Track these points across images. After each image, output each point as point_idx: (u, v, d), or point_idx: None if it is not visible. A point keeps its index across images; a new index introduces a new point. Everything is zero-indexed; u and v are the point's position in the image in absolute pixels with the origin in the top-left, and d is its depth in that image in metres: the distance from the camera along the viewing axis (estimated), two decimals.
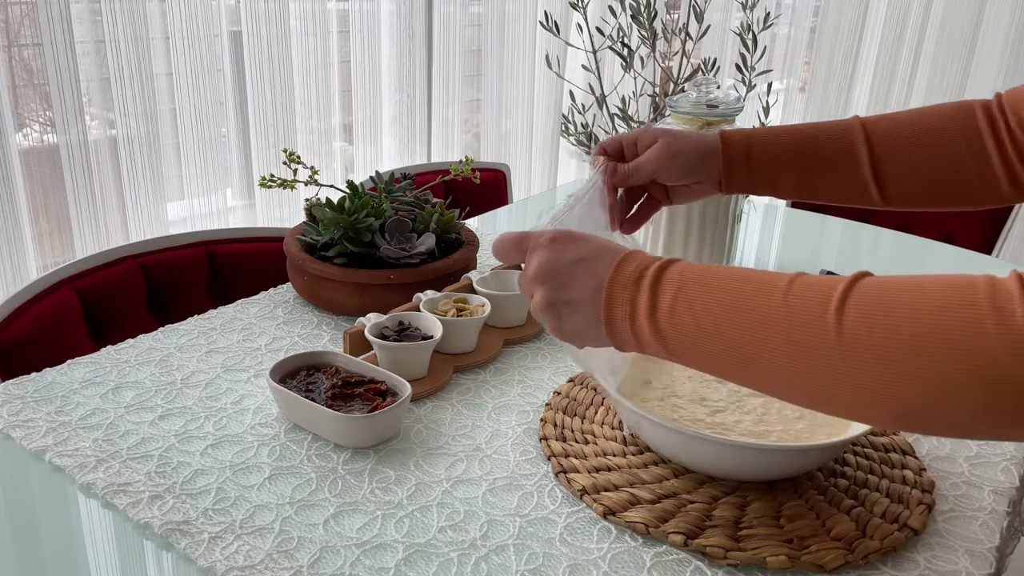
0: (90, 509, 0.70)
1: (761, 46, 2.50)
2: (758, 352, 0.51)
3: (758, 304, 0.52)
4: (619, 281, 0.57)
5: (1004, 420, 0.45)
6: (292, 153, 1.06)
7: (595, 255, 0.59)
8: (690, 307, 0.54)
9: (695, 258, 1.20)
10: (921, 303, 0.47)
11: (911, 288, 0.48)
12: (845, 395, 0.49)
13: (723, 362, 0.54)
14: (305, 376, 0.83)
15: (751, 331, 0.51)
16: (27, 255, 1.80)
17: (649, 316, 0.55)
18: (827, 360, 0.49)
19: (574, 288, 0.59)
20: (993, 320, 0.44)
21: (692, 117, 1.14)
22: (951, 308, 0.46)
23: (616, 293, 0.57)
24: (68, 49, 1.75)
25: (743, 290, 0.53)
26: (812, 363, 0.49)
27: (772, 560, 0.65)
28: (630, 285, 0.56)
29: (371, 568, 0.63)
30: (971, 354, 0.44)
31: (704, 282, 0.54)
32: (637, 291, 0.56)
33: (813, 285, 0.51)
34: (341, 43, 2.34)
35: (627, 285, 0.56)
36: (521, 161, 2.94)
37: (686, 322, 0.54)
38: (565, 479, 0.74)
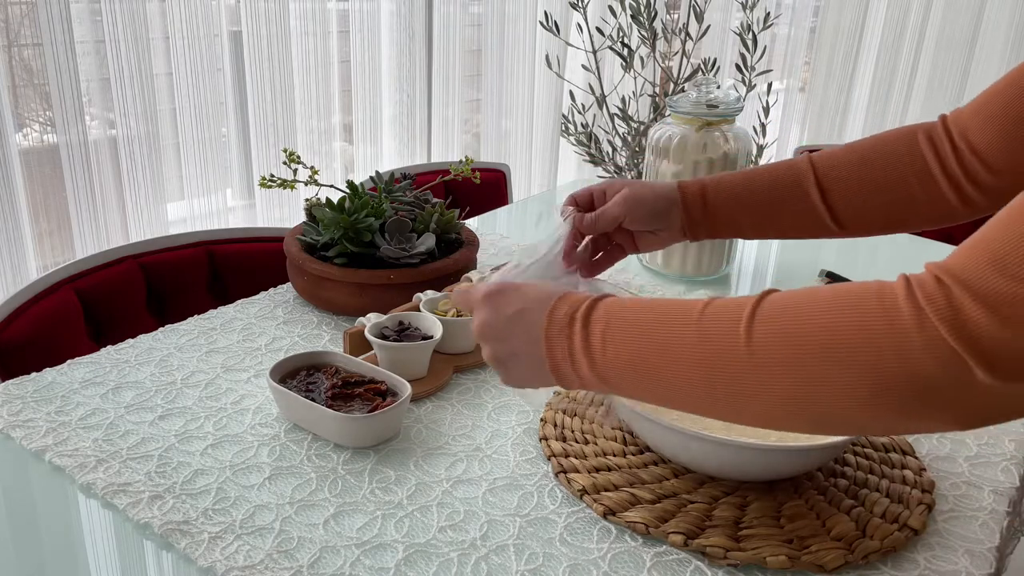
0: (90, 509, 0.70)
1: (761, 46, 2.50)
2: (683, 378, 0.55)
3: (676, 332, 0.55)
4: (554, 325, 0.61)
5: (889, 413, 0.49)
6: (292, 153, 1.06)
7: (529, 306, 0.63)
8: (617, 342, 0.58)
9: (695, 258, 1.20)
10: (817, 310, 0.51)
11: (810, 298, 0.52)
12: (766, 408, 0.52)
13: (655, 391, 0.57)
14: (305, 376, 0.83)
15: (673, 359, 0.55)
16: (27, 255, 1.80)
17: (585, 354, 0.59)
18: (743, 376, 0.52)
19: (514, 340, 0.63)
20: (881, 320, 0.48)
21: (692, 117, 1.14)
22: (844, 311, 0.49)
23: (553, 337, 0.61)
24: (68, 49, 1.75)
25: (662, 321, 0.56)
26: (731, 382, 0.53)
27: (772, 560, 0.65)
28: (564, 327, 0.60)
29: (371, 568, 0.63)
30: (862, 352, 0.48)
31: (627, 317, 0.58)
32: (571, 332, 0.60)
33: (724, 308, 0.55)
34: (341, 43, 2.34)
35: (562, 328, 0.60)
36: (521, 161, 2.94)
37: (618, 356, 0.58)
38: (565, 479, 0.74)
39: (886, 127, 3.22)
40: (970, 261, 0.47)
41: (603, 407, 0.84)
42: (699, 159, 1.14)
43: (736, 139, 1.15)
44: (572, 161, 3.03)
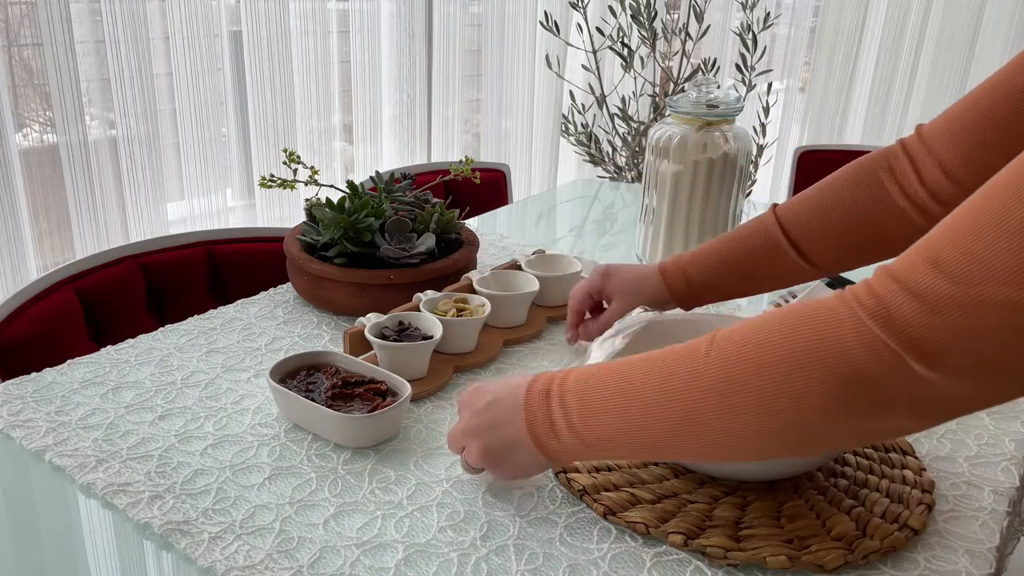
0: (90, 509, 0.70)
1: (761, 46, 2.50)
2: (657, 428, 0.57)
3: (643, 384, 0.58)
4: (532, 405, 0.63)
5: (848, 417, 0.51)
6: (292, 153, 1.06)
7: (502, 393, 0.66)
8: (593, 409, 0.60)
9: None
10: (772, 325, 0.54)
11: (763, 318, 0.55)
12: (739, 434, 0.54)
13: (639, 449, 0.59)
14: (305, 376, 0.83)
15: (644, 411, 0.57)
16: (27, 255, 1.80)
17: (568, 426, 0.61)
18: (708, 407, 0.55)
19: (497, 430, 0.65)
20: (823, 329, 0.51)
21: (692, 117, 1.14)
22: (794, 327, 0.52)
23: (533, 416, 0.63)
24: (68, 49, 1.75)
25: (629, 379, 0.59)
26: (699, 417, 0.55)
27: (772, 560, 0.65)
28: (542, 404, 0.63)
29: (371, 568, 0.63)
30: (808, 360, 0.51)
31: (599, 384, 0.60)
32: (548, 407, 0.62)
33: (679, 348, 0.58)
34: (341, 43, 2.34)
35: (539, 406, 0.63)
36: (521, 161, 2.94)
37: (598, 422, 0.60)
38: (565, 479, 0.74)
39: (886, 127, 3.22)
40: (907, 260, 0.49)
41: None
42: (699, 159, 1.14)
43: (736, 139, 1.15)
44: (572, 161, 3.03)
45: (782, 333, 0.53)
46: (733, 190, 1.17)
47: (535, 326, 1.02)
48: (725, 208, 1.17)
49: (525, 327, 1.02)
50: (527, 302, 1.02)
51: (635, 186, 1.79)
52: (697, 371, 0.55)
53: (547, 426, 0.62)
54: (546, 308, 1.07)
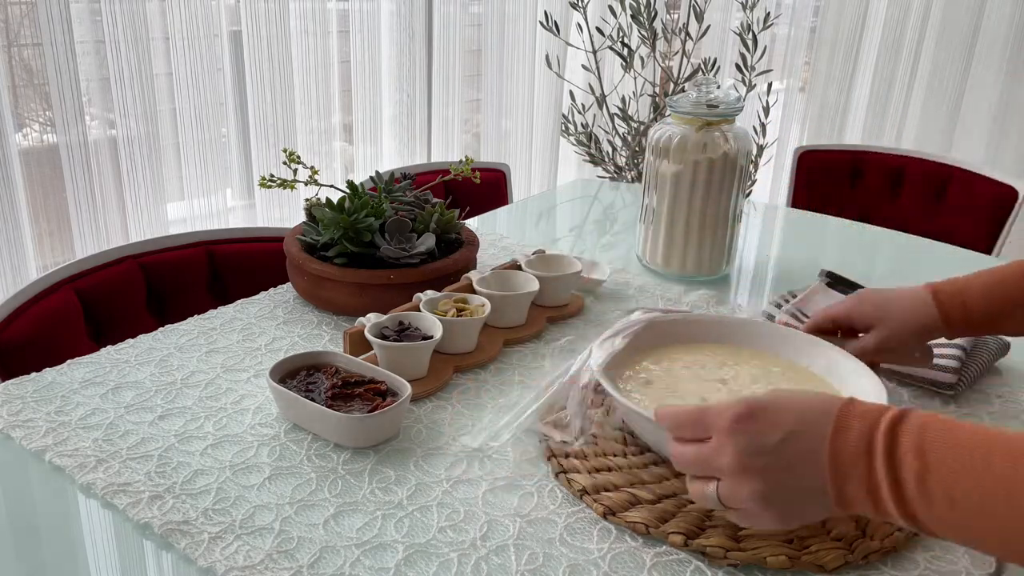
0: (90, 509, 0.70)
1: (761, 46, 2.50)
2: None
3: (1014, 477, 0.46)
4: (845, 456, 0.51)
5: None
6: (292, 153, 1.06)
7: (801, 426, 0.53)
8: (945, 487, 0.48)
9: (695, 258, 1.20)
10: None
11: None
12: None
13: (997, 543, 0.48)
14: (305, 376, 0.83)
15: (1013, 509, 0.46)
16: (27, 255, 1.80)
17: (895, 496, 0.50)
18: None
19: (791, 471, 0.53)
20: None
21: (692, 117, 1.14)
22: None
23: (846, 471, 0.51)
24: (68, 49, 1.75)
25: (1008, 476, 0.46)
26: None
27: (772, 560, 0.65)
28: (861, 458, 0.51)
29: (371, 568, 0.63)
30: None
31: (956, 458, 0.48)
32: (871, 464, 0.50)
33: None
34: (341, 43, 2.34)
35: (857, 460, 0.51)
36: (521, 161, 2.94)
37: (942, 502, 0.48)
38: (565, 479, 0.74)
39: (886, 127, 3.23)
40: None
41: (603, 407, 0.84)
42: (699, 159, 1.14)
43: (736, 139, 1.15)
44: (572, 161, 3.03)
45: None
46: (733, 190, 1.17)
47: (535, 326, 1.02)
48: (725, 208, 1.17)
49: (525, 327, 1.02)
50: (527, 302, 1.02)
51: (635, 186, 1.79)
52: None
53: (863, 490, 0.51)
54: (546, 308, 1.07)
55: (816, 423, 0.53)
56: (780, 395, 0.56)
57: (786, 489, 0.54)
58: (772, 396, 0.56)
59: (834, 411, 0.53)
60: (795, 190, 2.11)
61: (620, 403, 0.73)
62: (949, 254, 1.43)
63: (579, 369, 0.83)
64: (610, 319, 1.07)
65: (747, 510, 0.56)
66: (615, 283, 1.19)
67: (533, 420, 0.81)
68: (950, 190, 1.94)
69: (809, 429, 0.53)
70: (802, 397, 0.56)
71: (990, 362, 0.96)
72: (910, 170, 2.01)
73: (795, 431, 0.53)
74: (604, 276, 1.16)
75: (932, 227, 1.89)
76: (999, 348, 0.98)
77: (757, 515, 0.56)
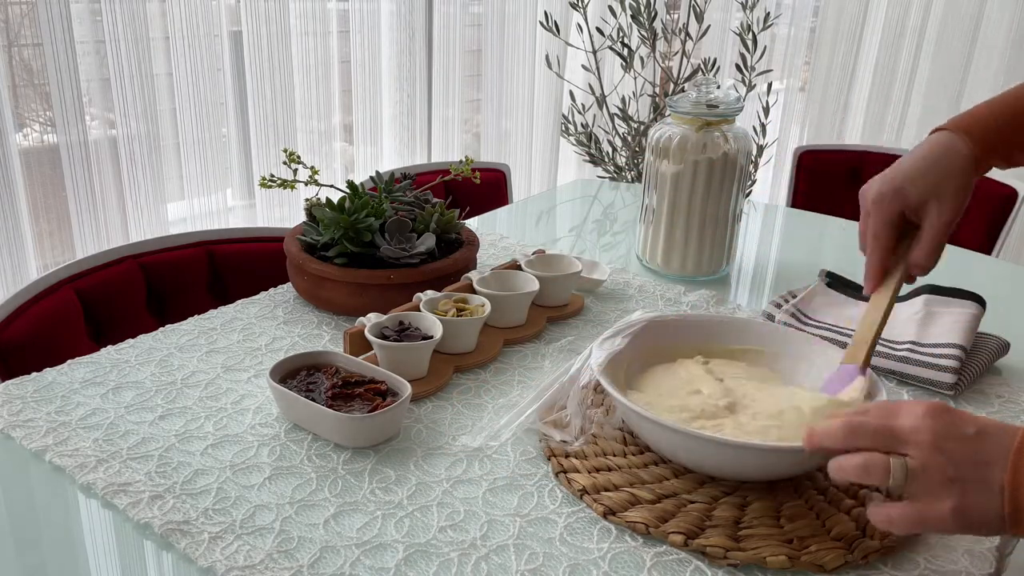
0: (90, 509, 0.70)
1: (761, 46, 2.51)
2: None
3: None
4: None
5: None
6: (292, 153, 1.06)
7: (991, 429, 0.56)
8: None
9: (695, 258, 1.20)
10: None
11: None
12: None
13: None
14: (305, 376, 0.83)
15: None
16: (27, 255, 1.80)
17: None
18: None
19: (978, 469, 0.55)
20: None
21: (692, 117, 1.14)
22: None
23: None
24: (68, 49, 1.75)
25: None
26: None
27: (772, 560, 0.65)
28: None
29: (371, 568, 0.63)
30: None
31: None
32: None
33: None
34: (341, 43, 2.34)
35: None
36: (521, 161, 2.94)
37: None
38: (565, 479, 0.74)
39: (886, 127, 3.22)
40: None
41: (603, 407, 0.85)
42: (699, 159, 1.14)
43: (736, 139, 1.15)
44: (572, 161, 3.03)
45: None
46: (733, 190, 1.17)
47: (535, 326, 1.02)
48: (725, 208, 1.18)
49: (525, 327, 1.02)
50: (527, 302, 1.02)
51: (635, 186, 1.79)
52: None
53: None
54: (546, 308, 1.07)
55: (1003, 431, 0.56)
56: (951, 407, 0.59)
57: (972, 481, 0.55)
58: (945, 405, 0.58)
59: (1020, 431, 0.55)
60: (795, 190, 2.11)
61: (620, 403, 0.73)
62: (949, 254, 1.43)
63: (579, 369, 0.83)
64: (610, 319, 1.07)
65: (929, 498, 0.56)
66: (615, 283, 1.19)
67: (533, 420, 0.81)
68: None
69: (999, 432, 0.56)
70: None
71: (990, 362, 0.96)
72: None
73: (987, 429, 0.56)
74: (604, 276, 1.16)
75: None
76: (999, 348, 0.98)
77: (936, 503, 0.56)
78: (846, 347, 0.80)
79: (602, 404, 0.85)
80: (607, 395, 0.85)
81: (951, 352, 0.92)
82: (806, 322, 1.04)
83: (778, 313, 1.05)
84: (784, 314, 1.05)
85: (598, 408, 0.84)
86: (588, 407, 0.82)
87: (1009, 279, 1.33)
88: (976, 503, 0.55)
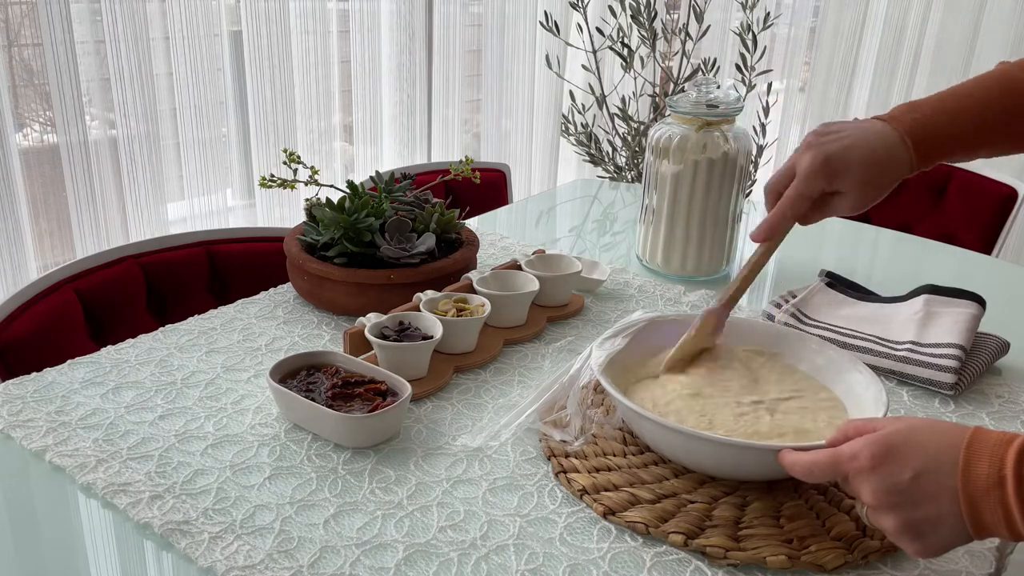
0: (90, 509, 0.70)
1: (761, 46, 2.50)
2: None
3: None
4: (977, 489, 0.54)
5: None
6: (292, 153, 1.06)
7: (930, 465, 0.56)
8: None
9: (695, 258, 1.20)
10: None
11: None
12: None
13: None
14: (305, 376, 0.83)
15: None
16: (27, 255, 1.80)
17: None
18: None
19: (924, 506, 0.56)
20: None
21: (692, 117, 1.14)
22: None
23: (980, 503, 0.54)
24: (68, 49, 1.75)
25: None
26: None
27: (772, 560, 0.65)
28: (992, 490, 0.53)
29: (371, 568, 0.63)
30: None
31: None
32: (1003, 495, 0.53)
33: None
34: (341, 43, 2.34)
35: (989, 490, 0.54)
36: (521, 161, 2.94)
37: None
38: (565, 479, 0.74)
39: None
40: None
41: (603, 407, 0.85)
42: (699, 159, 1.14)
43: (736, 139, 1.15)
44: (572, 161, 3.03)
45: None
46: (733, 190, 1.17)
47: (535, 326, 1.02)
48: (725, 208, 1.18)
49: (525, 327, 1.02)
50: (527, 302, 1.02)
51: (635, 186, 1.79)
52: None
53: (1000, 519, 0.53)
54: (546, 308, 1.07)
55: (945, 458, 0.55)
56: (912, 431, 0.58)
57: (924, 522, 0.56)
58: (905, 433, 0.58)
59: (962, 445, 0.55)
60: None
61: (620, 403, 0.73)
62: (949, 254, 1.43)
63: (579, 369, 0.83)
64: (610, 319, 1.07)
65: (901, 539, 0.58)
66: (615, 283, 1.19)
67: (533, 420, 0.81)
68: (950, 190, 1.94)
69: (939, 466, 0.55)
70: (931, 431, 0.58)
71: (990, 362, 0.96)
72: None
73: (922, 470, 0.56)
74: (604, 276, 1.16)
75: (932, 227, 1.89)
76: (999, 348, 0.98)
77: (904, 545, 0.58)
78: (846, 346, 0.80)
79: (602, 404, 0.85)
80: (607, 395, 0.85)
81: (951, 352, 0.92)
82: (806, 322, 1.04)
83: (778, 313, 1.05)
84: (784, 314, 1.05)
85: (598, 408, 0.84)
86: (588, 407, 0.82)
87: (1009, 279, 1.33)
88: (936, 537, 0.56)
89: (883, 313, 1.05)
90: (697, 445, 0.70)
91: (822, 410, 0.77)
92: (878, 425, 0.60)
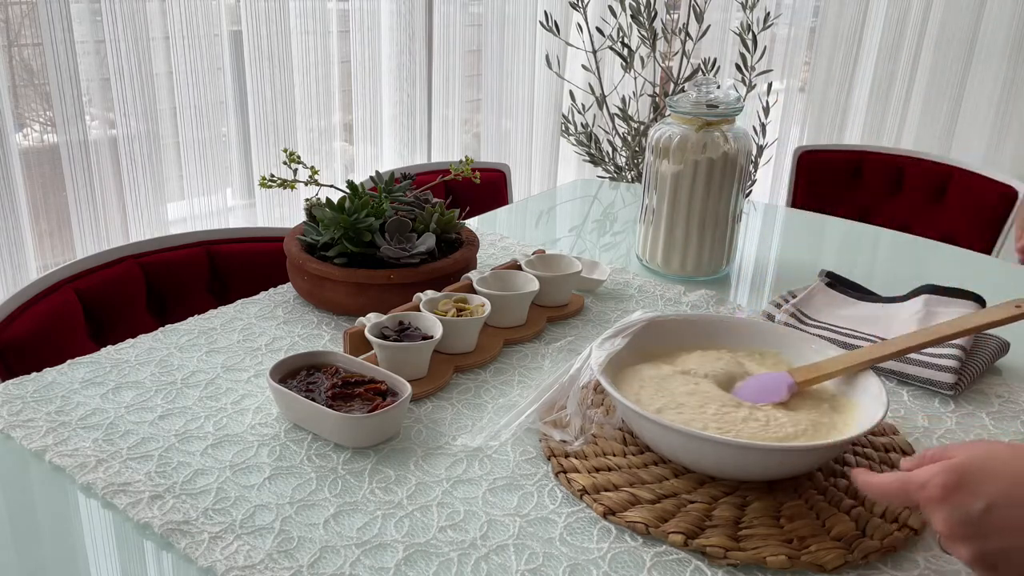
0: (90, 509, 0.70)
1: (761, 46, 2.50)
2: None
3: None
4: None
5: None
6: (292, 153, 1.06)
7: (1002, 498, 0.55)
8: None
9: (695, 258, 1.20)
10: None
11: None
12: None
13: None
14: (305, 376, 0.83)
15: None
16: (27, 255, 1.80)
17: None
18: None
19: (994, 539, 0.55)
20: None
21: (692, 117, 1.14)
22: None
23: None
24: (68, 49, 1.75)
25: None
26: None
27: (772, 560, 0.65)
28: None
29: (371, 568, 0.63)
30: None
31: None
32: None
33: None
34: (341, 42, 2.34)
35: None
36: (521, 161, 2.94)
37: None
38: (565, 479, 0.74)
39: (886, 127, 3.22)
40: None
41: (603, 407, 0.85)
42: (699, 159, 1.14)
43: (736, 139, 1.15)
44: (572, 161, 3.03)
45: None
46: (733, 190, 1.17)
47: (535, 326, 1.02)
48: (725, 208, 1.18)
49: (525, 327, 1.02)
50: (527, 302, 1.02)
51: (635, 186, 1.79)
52: None
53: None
54: (546, 308, 1.07)
55: (1019, 492, 0.55)
56: (988, 458, 0.57)
57: (996, 554, 0.56)
58: (981, 460, 0.57)
59: (1020, 480, 0.55)
60: (795, 190, 2.11)
61: (620, 403, 0.73)
62: (949, 254, 1.43)
63: (579, 369, 0.83)
64: (610, 319, 1.07)
65: (978, 569, 0.58)
66: (615, 283, 1.19)
67: (533, 420, 0.81)
68: (950, 190, 1.94)
69: (1010, 500, 0.55)
70: (1011, 458, 0.57)
71: (990, 362, 0.96)
72: (910, 170, 2.01)
73: (994, 503, 0.55)
74: (604, 276, 1.16)
75: (932, 227, 1.90)
76: (999, 348, 0.98)
77: (979, 574, 0.58)
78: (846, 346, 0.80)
79: (602, 404, 0.85)
80: (607, 395, 0.85)
81: (951, 352, 0.92)
82: (806, 322, 1.04)
83: (778, 313, 1.05)
84: (784, 314, 1.05)
85: (598, 408, 0.84)
86: (588, 407, 0.82)
87: (1009, 279, 1.33)
88: (1013, 568, 0.56)
89: (883, 313, 1.05)
90: (697, 445, 0.70)
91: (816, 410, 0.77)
92: (953, 452, 0.59)
